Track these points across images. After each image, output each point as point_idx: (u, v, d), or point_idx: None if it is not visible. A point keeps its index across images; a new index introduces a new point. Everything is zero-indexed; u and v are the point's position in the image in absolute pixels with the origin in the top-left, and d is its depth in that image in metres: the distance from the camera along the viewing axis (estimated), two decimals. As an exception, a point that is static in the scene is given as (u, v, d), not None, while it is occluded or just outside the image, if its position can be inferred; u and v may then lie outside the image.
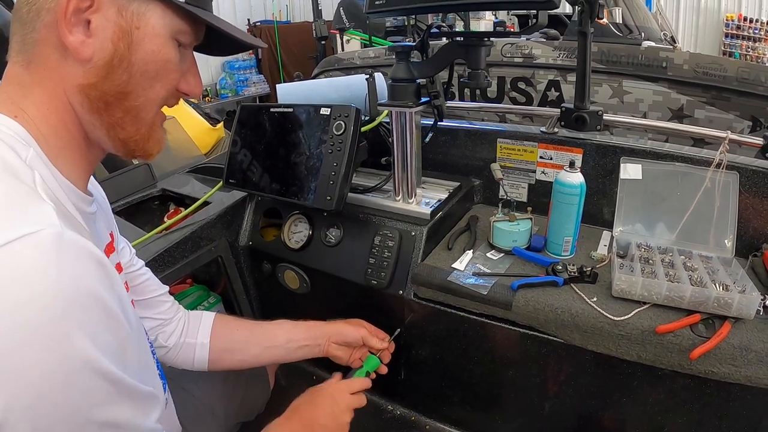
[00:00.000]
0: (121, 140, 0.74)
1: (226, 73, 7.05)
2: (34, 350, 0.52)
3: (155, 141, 0.78)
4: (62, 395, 0.54)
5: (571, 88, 2.75)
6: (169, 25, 0.71)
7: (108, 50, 0.67)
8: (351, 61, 3.62)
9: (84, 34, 0.65)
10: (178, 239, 1.49)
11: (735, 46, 7.42)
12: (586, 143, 1.47)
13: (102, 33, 0.66)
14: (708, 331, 1.06)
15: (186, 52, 0.77)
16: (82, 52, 0.66)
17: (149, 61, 0.70)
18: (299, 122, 1.45)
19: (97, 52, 0.67)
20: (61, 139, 0.69)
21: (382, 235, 1.42)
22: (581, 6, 1.37)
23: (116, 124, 0.72)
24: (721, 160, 1.28)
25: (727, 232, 1.28)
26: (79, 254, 0.57)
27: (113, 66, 0.68)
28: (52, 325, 0.53)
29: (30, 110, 0.67)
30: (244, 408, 1.36)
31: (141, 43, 0.69)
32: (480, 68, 1.24)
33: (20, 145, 0.63)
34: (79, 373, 0.55)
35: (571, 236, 1.32)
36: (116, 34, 0.67)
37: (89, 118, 0.71)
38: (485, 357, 1.39)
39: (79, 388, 0.55)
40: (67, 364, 0.54)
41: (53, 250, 0.54)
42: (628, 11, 3.35)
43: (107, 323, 0.59)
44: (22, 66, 0.67)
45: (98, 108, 0.70)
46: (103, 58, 0.67)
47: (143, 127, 0.75)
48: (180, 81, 0.77)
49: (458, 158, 1.70)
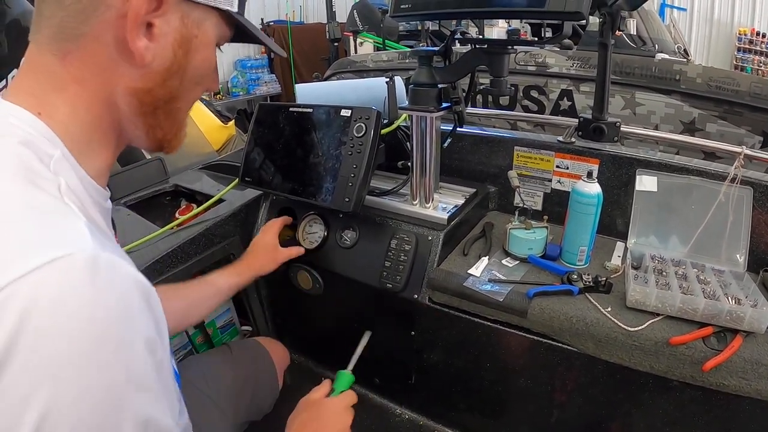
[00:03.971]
0: (158, 139, 0.74)
1: (238, 71, 7.06)
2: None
3: (182, 136, 0.79)
4: None
5: (583, 98, 2.77)
6: (219, 33, 0.72)
7: (168, 57, 0.66)
8: (364, 64, 3.62)
9: (146, 37, 0.63)
10: (191, 235, 1.51)
11: (747, 60, 7.39)
12: (603, 154, 1.48)
13: (164, 39, 0.65)
14: (720, 343, 1.07)
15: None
16: (144, 57, 0.63)
17: (199, 67, 0.71)
18: (319, 123, 1.45)
19: (157, 58, 0.65)
20: (87, 134, 0.66)
21: (398, 239, 1.42)
22: (603, 18, 1.38)
23: (157, 125, 0.72)
24: (735, 174, 1.28)
25: (740, 246, 1.29)
26: (119, 280, 0.53)
27: (171, 73, 0.68)
28: (76, 366, 0.48)
29: (61, 107, 0.62)
30: (252, 407, 1.36)
31: (197, 51, 0.69)
32: (503, 76, 1.25)
33: (45, 146, 0.59)
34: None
35: (587, 246, 1.33)
36: (177, 41, 0.66)
37: (134, 119, 0.70)
38: (497, 364, 1.40)
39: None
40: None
41: (87, 276, 0.49)
42: (643, 23, 3.36)
43: (145, 353, 0.55)
44: (55, 56, 0.61)
45: (145, 111, 0.69)
46: (162, 64, 0.66)
47: (176, 126, 0.76)
48: None
49: (474, 164, 1.71)
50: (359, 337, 1.35)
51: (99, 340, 0.49)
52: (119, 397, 0.51)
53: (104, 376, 0.49)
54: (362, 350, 1.32)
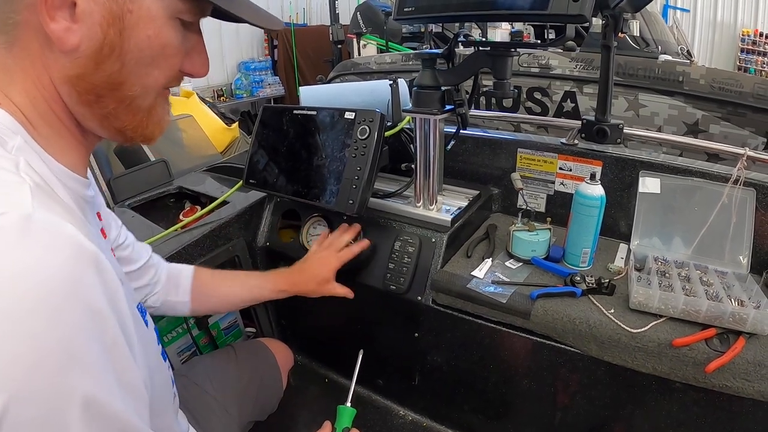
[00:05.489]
0: (117, 129, 0.68)
1: (242, 73, 7.08)
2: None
3: (155, 124, 0.71)
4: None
5: (586, 100, 2.77)
6: (167, 5, 0.63)
7: (97, 38, 0.59)
8: (367, 66, 3.62)
9: (69, 19, 0.57)
10: (196, 237, 1.51)
11: (750, 61, 7.39)
12: (606, 156, 1.48)
13: (89, 18, 0.58)
14: (723, 345, 1.07)
15: (191, 30, 0.69)
16: (66, 41, 0.58)
17: (144, 47, 0.62)
18: (323, 125, 1.46)
19: (85, 40, 0.59)
20: (52, 127, 0.63)
21: (402, 241, 1.43)
22: (605, 20, 1.38)
23: (110, 114, 0.66)
24: (738, 176, 1.29)
25: (743, 248, 1.29)
26: (54, 241, 0.50)
27: (103, 55, 0.60)
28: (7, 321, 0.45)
29: (16, 98, 0.60)
30: (257, 407, 1.37)
31: (135, 29, 0.61)
32: (506, 78, 1.25)
33: (5, 134, 0.57)
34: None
35: (590, 248, 1.33)
36: (106, 20, 0.59)
37: (79, 109, 0.64)
38: (500, 365, 1.40)
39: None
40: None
41: (16, 235, 0.47)
42: (646, 24, 3.36)
43: (87, 324, 0.51)
44: (4, 48, 0.59)
45: (88, 100, 0.63)
46: (91, 47, 0.59)
47: (140, 114, 0.68)
48: (183, 62, 0.69)
49: (477, 166, 1.71)
50: (360, 342, 1.36)
51: (30, 306, 0.46)
52: (54, 371, 0.47)
53: (36, 345, 0.46)
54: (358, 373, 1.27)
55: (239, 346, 1.46)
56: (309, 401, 1.74)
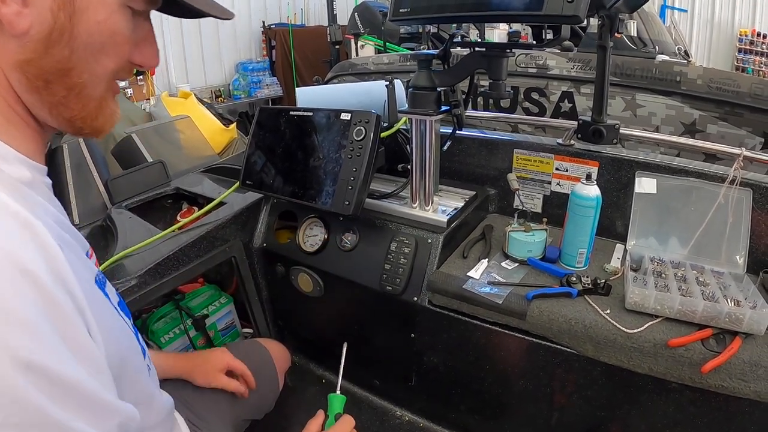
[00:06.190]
0: (66, 119, 0.67)
1: (240, 74, 7.07)
2: None
3: (106, 117, 0.70)
4: None
5: (584, 100, 2.77)
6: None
7: (47, 22, 0.58)
8: (365, 67, 3.63)
9: (20, 3, 0.56)
10: (192, 238, 1.51)
11: (748, 61, 7.38)
12: (602, 156, 1.48)
13: (40, 2, 0.57)
14: (719, 345, 1.07)
15: (141, 20, 0.68)
16: (17, 25, 0.57)
17: (94, 32, 0.61)
18: (319, 126, 1.46)
19: (35, 24, 0.58)
20: (3, 116, 0.62)
21: (398, 242, 1.43)
22: (601, 20, 1.38)
23: (59, 103, 0.64)
24: (735, 176, 1.29)
25: (739, 248, 1.30)
26: None
27: (53, 40, 0.59)
28: None
29: None
30: (253, 406, 1.37)
31: (84, 13, 0.60)
32: (502, 79, 1.25)
33: None
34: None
35: (586, 248, 1.33)
36: (56, 3, 0.58)
37: (29, 97, 0.63)
38: (496, 366, 1.40)
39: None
40: None
41: None
42: (643, 25, 3.35)
43: (21, 286, 0.50)
44: None
45: (37, 87, 0.62)
46: (41, 31, 0.58)
47: (90, 104, 0.67)
48: (133, 52, 0.68)
49: (474, 167, 1.71)
50: (356, 343, 1.35)
51: None
52: None
53: None
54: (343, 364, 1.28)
55: (235, 345, 1.45)
56: (305, 401, 1.74)
